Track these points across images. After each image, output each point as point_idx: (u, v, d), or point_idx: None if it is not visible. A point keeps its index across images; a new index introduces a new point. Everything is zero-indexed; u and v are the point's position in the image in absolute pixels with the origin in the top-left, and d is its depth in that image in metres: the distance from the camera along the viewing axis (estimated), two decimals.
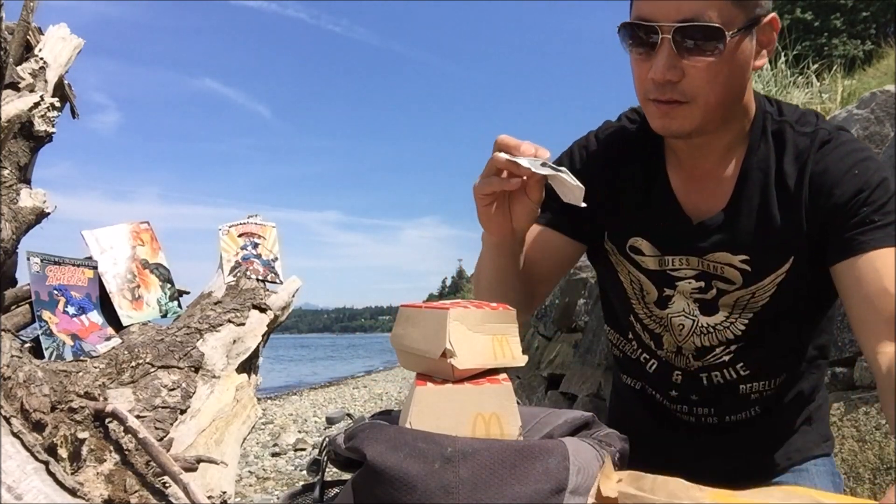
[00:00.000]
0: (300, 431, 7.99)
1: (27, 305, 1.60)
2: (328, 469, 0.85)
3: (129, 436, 1.39)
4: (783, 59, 5.59)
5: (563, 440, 0.69)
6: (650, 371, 1.23)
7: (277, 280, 2.18)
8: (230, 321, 1.87)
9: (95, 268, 1.77)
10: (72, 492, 1.05)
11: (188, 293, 2.06)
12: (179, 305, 1.99)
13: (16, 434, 1.06)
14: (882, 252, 0.95)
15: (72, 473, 1.28)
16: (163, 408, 1.52)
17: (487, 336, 0.74)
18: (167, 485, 1.38)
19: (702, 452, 1.20)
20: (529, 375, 6.96)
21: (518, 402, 0.73)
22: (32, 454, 1.06)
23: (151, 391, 1.54)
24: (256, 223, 2.23)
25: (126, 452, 1.38)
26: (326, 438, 0.79)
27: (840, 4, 10.92)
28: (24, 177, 1.74)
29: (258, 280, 2.11)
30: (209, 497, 1.37)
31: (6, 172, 1.64)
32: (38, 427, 1.24)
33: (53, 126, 1.77)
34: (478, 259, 1.14)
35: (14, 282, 1.71)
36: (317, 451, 0.91)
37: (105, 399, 1.44)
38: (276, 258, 2.22)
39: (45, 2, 1.88)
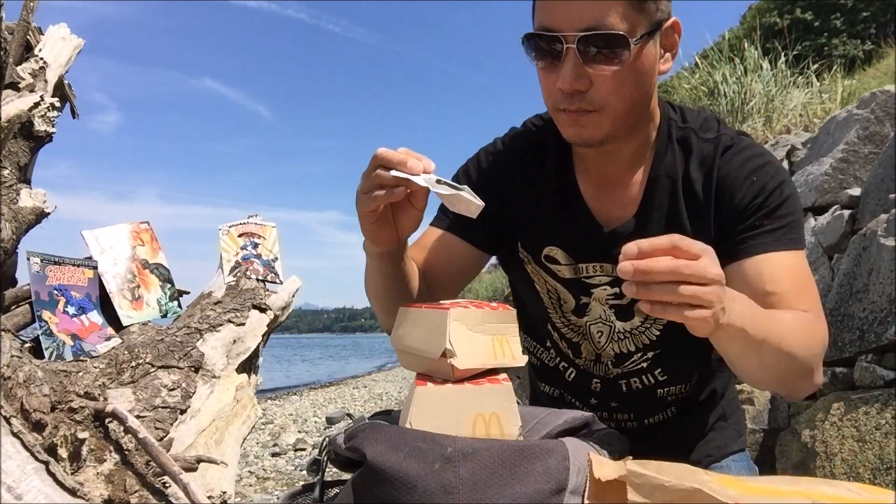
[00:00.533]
0: (300, 431, 7.99)
1: (27, 305, 1.60)
2: (328, 469, 0.85)
3: (129, 436, 1.39)
4: (783, 59, 5.59)
5: (563, 440, 0.69)
6: (569, 379, 1.22)
7: (277, 280, 2.19)
8: (230, 321, 1.87)
9: (95, 268, 1.77)
10: (72, 492, 1.05)
11: (188, 293, 2.06)
12: (179, 305, 1.99)
13: (16, 434, 1.06)
14: (767, 256, 0.98)
15: (72, 473, 1.28)
16: (163, 408, 1.52)
17: (487, 336, 0.74)
18: (167, 485, 1.38)
19: (623, 457, 1.20)
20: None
21: (518, 402, 0.73)
22: (32, 454, 1.06)
23: (151, 391, 1.54)
24: (256, 223, 2.23)
25: (126, 452, 1.38)
26: (326, 438, 0.80)
27: (840, 4, 10.92)
28: (24, 177, 1.74)
29: (258, 280, 2.11)
30: (209, 497, 1.37)
31: (6, 172, 1.64)
32: (38, 427, 1.24)
33: (53, 126, 1.77)
34: (365, 269, 1.11)
35: (14, 282, 1.71)
36: (317, 451, 0.91)
37: (105, 399, 1.44)
38: (276, 258, 2.22)
39: (45, 2, 1.88)
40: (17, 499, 0.98)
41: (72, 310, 1.64)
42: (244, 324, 1.90)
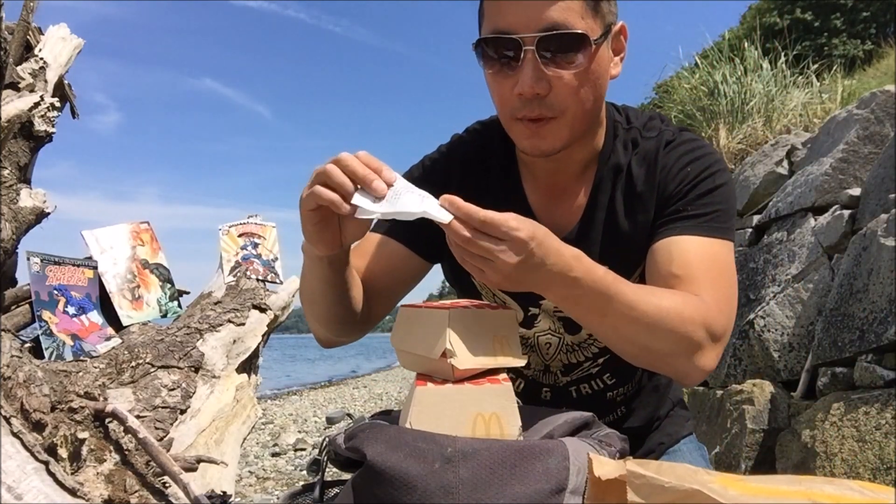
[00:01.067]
0: (300, 431, 7.99)
1: (27, 305, 1.60)
2: (328, 469, 0.85)
3: (129, 436, 1.39)
4: (783, 59, 5.60)
5: (563, 440, 0.69)
6: (518, 390, 1.20)
7: (277, 280, 2.19)
8: (230, 321, 1.87)
9: (95, 268, 1.77)
10: (72, 492, 1.05)
11: (188, 293, 2.06)
12: (179, 305, 1.99)
13: (16, 434, 1.06)
14: (680, 238, 0.97)
15: (72, 473, 1.28)
16: (163, 408, 1.52)
17: (487, 336, 0.74)
18: (167, 485, 1.38)
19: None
20: None
21: (518, 402, 0.73)
22: (32, 454, 1.06)
23: (151, 391, 1.54)
24: (256, 223, 2.23)
25: (126, 452, 1.38)
26: (326, 438, 0.79)
27: (840, 4, 10.92)
28: (24, 177, 1.74)
29: (258, 280, 2.11)
30: (209, 497, 1.37)
31: (6, 172, 1.64)
32: (38, 427, 1.24)
33: (53, 126, 1.77)
34: (301, 272, 1.03)
35: (14, 282, 1.72)
36: (317, 451, 0.91)
37: (105, 399, 1.44)
38: (276, 258, 2.22)
39: (45, 2, 1.88)
40: (17, 499, 0.98)
41: (72, 310, 1.64)
42: (244, 324, 1.91)
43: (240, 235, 2.16)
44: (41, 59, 1.84)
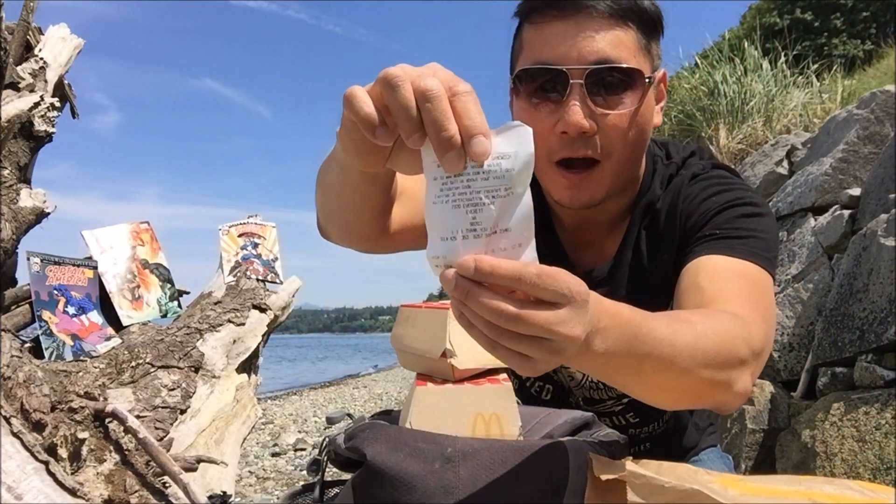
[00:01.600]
0: (300, 431, 7.99)
1: (27, 305, 1.60)
2: (328, 469, 0.85)
3: (129, 436, 1.39)
4: (783, 59, 5.60)
5: (563, 440, 0.69)
6: (546, 398, 1.14)
7: (277, 280, 2.19)
8: (230, 321, 1.87)
9: (95, 268, 1.77)
10: (72, 492, 1.05)
11: (188, 293, 2.07)
12: (179, 305, 1.99)
13: (16, 434, 1.06)
14: (706, 257, 0.86)
15: (72, 473, 1.28)
16: (163, 408, 1.52)
17: None
18: (167, 485, 1.37)
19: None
20: None
21: (518, 402, 0.73)
22: (32, 454, 1.06)
23: (151, 391, 1.54)
24: (256, 223, 2.23)
25: (126, 452, 1.38)
26: (326, 438, 0.79)
27: (840, 4, 10.91)
28: (24, 177, 1.74)
29: (258, 280, 2.11)
30: (209, 497, 1.37)
31: (6, 172, 1.64)
32: (38, 427, 1.24)
33: (53, 126, 1.77)
34: (326, 161, 0.80)
35: (14, 282, 1.72)
36: (317, 451, 0.91)
37: (105, 399, 1.44)
38: (276, 258, 2.22)
39: (45, 2, 1.88)
40: (17, 499, 0.98)
41: (72, 310, 1.64)
42: (244, 324, 1.91)
43: (240, 235, 2.16)
44: (41, 59, 1.84)
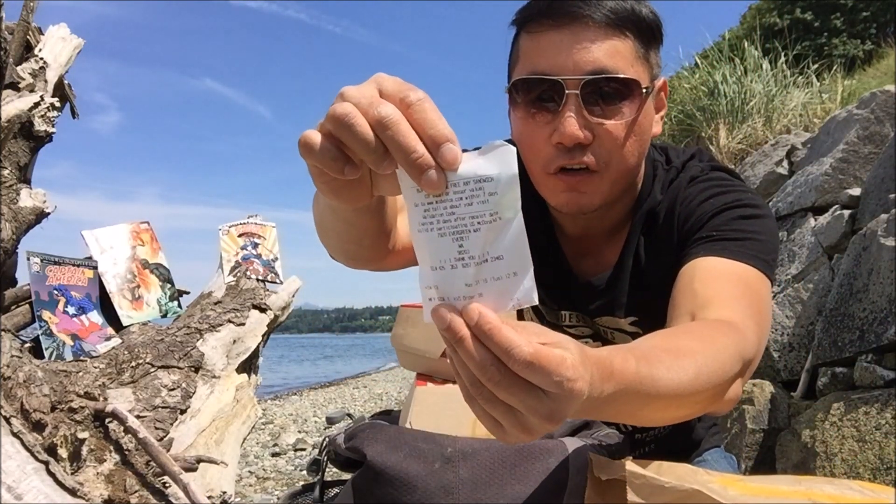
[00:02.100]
0: (300, 431, 7.99)
1: (27, 305, 1.60)
2: (328, 469, 0.85)
3: (129, 436, 1.39)
4: (783, 59, 5.60)
5: (563, 440, 0.69)
6: None
7: (277, 280, 2.19)
8: (230, 321, 1.87)
9: (95, 268, 1.77)
10: (72, 492, 1.05)
11: (188, 293, 2.07)
12: (179, 305, 1.99)
13: (16, 434, 1.06)
14: (702, 259, 0.86)
15: (72, 473, 1.28)
16: (163, 408, 1.52)
17: None
18: (167, 485, 1.37)
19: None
20: None
21: None
22: (32, 454, 1.06)
23: (151, 391, 1.54)
24: (256, 223, 2.23)
25: (126, 452, 1.38)
26: (326, 438, 0.79)
27: (840, 4, 10.91)
28: (24, 177, 1.74)
29: (258, 280, 2.11)
30: (209, 497, 1.37)
31: (6, 172, 1.64)
32: (38, 427, 1.24)
33: (53, 126, 1.77)
34: (315, 201, 0.78)
35: (14, 282, 1.72)
36: (317, 451, 0.91)
37: (105, 399, 1.44)
38: (276, 258, 2.22)
39: (45, 2, 1.88)
40: (17, 499, 0.98)
41: (72, 310, 1.64)
42: (244, 324, 1.90)
43: (240, 235, 2.16)
44: (41, 59, 1.84)
